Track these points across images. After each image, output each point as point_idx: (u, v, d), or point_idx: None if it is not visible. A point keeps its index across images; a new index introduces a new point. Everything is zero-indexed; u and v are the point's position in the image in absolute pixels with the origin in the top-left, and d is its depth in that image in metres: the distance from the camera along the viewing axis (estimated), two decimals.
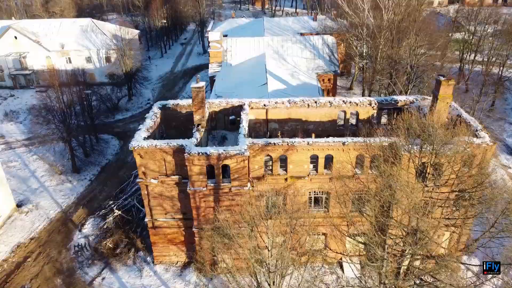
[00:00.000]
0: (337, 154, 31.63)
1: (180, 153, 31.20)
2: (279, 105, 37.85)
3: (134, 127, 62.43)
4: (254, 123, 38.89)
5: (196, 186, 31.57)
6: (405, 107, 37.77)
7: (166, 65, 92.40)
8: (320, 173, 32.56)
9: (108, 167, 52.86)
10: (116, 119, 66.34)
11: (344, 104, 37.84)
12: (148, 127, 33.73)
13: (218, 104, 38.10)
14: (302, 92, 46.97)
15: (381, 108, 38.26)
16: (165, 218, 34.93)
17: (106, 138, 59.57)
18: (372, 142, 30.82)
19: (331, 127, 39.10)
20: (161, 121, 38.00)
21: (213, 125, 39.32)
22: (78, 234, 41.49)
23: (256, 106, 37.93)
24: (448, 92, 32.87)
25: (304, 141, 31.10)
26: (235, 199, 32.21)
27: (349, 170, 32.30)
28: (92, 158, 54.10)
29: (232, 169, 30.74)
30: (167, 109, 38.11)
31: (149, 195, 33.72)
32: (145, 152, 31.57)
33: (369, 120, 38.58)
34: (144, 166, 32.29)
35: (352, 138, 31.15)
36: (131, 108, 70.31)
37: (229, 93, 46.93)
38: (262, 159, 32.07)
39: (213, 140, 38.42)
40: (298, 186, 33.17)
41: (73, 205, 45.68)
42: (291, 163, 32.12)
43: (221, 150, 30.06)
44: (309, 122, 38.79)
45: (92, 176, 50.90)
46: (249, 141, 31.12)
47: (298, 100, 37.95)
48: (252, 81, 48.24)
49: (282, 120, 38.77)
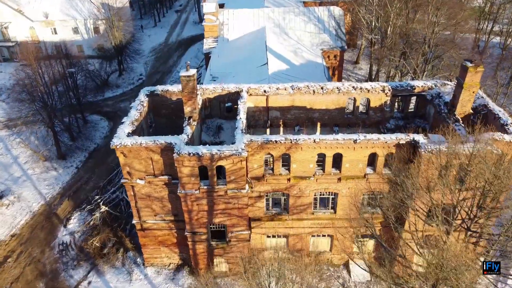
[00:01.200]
0: (347, 153, 27.83)
1: (169, 152, 27.42)
2: (281, 92, 33.67)
3: (125, 106, 58.33)
4: (253, 111, 34.86)
5: (187, 188, 28.00)
6: (423, 93, 33.62)
7: (159, 35, 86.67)
8: (327, 173, 28.89)
9: (96, 153, 49.13)
10: (106, 97, 61.92)
11: (354, 91, 33.63)
12: (133, 120, 29.73)
13: (212, 90, 33.89)
14: (306, 72, 42.58)
15: (395, 95, 34.08)
16: (155, 220, 31.59)
17: (94, 120, 55.48)
18: (388, 140, 26.99)
19: (338, 116, 35.10)
20: (149, 109, 33.99)
21: (207, 113, 35.28)
22: (63, 230, 38.34)
23: (255, 92, 33.75)
24: (475, 80, 28.72)
25: (310, 138, 27.20)
26: (231, 202, 28.73)
27: (360, 169, 28.67)
28: (79, 142, 50.26)
29: (228, 170, 27.06)
30: (156, 95, 33.97)
31: (136, 196, 30.21)
32: (129, 151, 27.77)
33: (381, 108, 34.52)
34: (129, 166, 28.58)
35: (365, 135, 27.20)
36: (122, 85, 65.70)
37: (226, 74, 42.54)
38: (262, 158, 28.32)
39: (208, 131, 34.50)
40: (302, 187, 29.60)
41: (58, 197, 42.31)
42: (294, 162, 28.39)
43: (214, 150, 26.25)
44: (315, 110, 34.74)
45: (79, 163, 47.27)
46: (247, 138, 27.25)
47: (302, 85, 33.71)
48: (251, 59, 43.66)
49: (285, 108, 34.70)
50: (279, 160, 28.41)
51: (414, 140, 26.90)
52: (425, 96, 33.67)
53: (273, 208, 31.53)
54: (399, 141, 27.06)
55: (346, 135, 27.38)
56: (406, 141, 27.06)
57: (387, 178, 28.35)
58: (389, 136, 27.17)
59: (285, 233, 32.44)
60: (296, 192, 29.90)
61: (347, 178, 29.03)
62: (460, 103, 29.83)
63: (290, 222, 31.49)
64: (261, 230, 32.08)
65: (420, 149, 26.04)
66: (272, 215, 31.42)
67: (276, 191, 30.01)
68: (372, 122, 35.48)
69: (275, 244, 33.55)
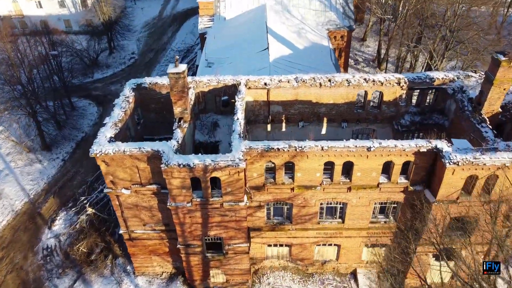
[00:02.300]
0: (359, 161, 24.48)
1: (157, 160, 24.07)
2: (283, 85, 29.95)
3: (115, 90, 54.53)
4: (253, 105, 31.26)
5: (178, 201, 24.86)
6: (443, 86, 29.89)
7: (153, 8, 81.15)
8: (335, 182, 25.64)
9: (85, 143, 45.67)
10: (95, 79, 57.82)
11: (365, 83, 29.88)
12: (116, 121, 26.16)
13: (206, 83, 30.15)
14: (310, 58, 38.59)
15: (412, 88, 30.34)
16: (144, 230, 28.64)
17: (82, 105, 51.74)
18: (406, 148, 23.59)
19: (347, 110, 31.51)
20: (136, 104, 30.39)
21: (201, 107, 31.66)
22: (48, 232, 35.55)
23: (255, 85, 30.03)
24: (508, 76, 24.99)
25: (317, 145, 23.75)
26: (228, 214, 25.64)
27: (373, 178, 25.42)
28: (66, 131, 46.75)
29: (224, 182, 23.82)
30: (143, 89, 30.24)
31: (122, 206, 27.12)
32: (111, 159, 24.40)
33: (395, 102, 30.88)
34: (112, 175, 25.30)
35: (380, 141, 23.73)
36: (113, 64, 61.40)
37: (222, 59, 38.56)
38: (262, 166, 24.99)
39: (202, 129, 31.02)
40: (307, 197, 26.45)
41: (43, 193, 39.30)
42: (299, 171, 25.10)
43: (208, 160, 22.88)
44: (321, 105, 31.13)
45: (66, 155, 43.98)
46: (246, 145, 23.81)
47: (307, 78, 29.95)
48: (250, 42, 39.52)
49: (288, 102, 31.07)
50: (282, 168, 25.10)
51: (436, 147, 23.50)
52: (445, 89, 29.96)
53: (274, 218, 28.52)
54: (419, 148, 23.65)
55: (358, 141, 23.92)
56: (427, 149, 23.68)
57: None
58: (407, 143, 23.72)
59: (288, 242, 29.61)
60: (300, 201, 26.80)
61: (358, 187, 25.83)
62: (488, 101, 26.21)
63: (293, 232, 28.59)
64: (261, 240, 29.24)
65: (444, 160, 22.67)
66: (273, 224, 28.45)
67: (278, 200, 26.92)
68: (384, 117, 31.94)
69: (277, 253, 30.81)
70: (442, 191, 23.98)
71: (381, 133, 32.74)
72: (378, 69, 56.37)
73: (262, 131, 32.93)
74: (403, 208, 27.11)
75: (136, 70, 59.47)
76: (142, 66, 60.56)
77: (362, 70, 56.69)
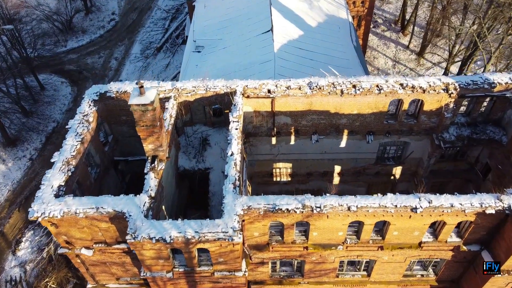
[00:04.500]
0: (399, 221, 17.96)
1: (122, 220, 17.64)
2: (293, 92, 22.66)
3: (93, 63, 46.71)
4: (253, 117, 24.18)
5: (155, 270, 18.78)
6: (506, 94, 22.49)
7: None
8: (364, 240, 19.30)
9: (56, 135, 38.95)
10: (69, 48, 49.45)
11: (401, 90, 22.49)
12: (68, 158, 19.29)
13: (191, 91, 22.81)
14: (325, 38, 30.51)
15: (463, 96, 22.94)
16: (118, 284, 22.88)
17: (53, 83, 44.11)
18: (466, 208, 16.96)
19: (375, 121, 24.44)
20: (102, 119, 23.39)
21: (187, 119, 24.56)
22: (12, 259, 30.13)
23: (255, 93, 22.75)
24: None
25: (341, 204, 17.11)
26: (221, 281, 19.67)
27: (415, 238, 19.05)
28: (34, 119, 39.76)
29: (214, 253, 17.55)
30: (109, 99, 23.05)
31: (85, 264, 21.12)
32: (60, 221, 17.96)
33: (438, 112, 23.67)
34: (65, 235, 18.99)
35: (429, 199, 17.00)
36: (89, 29, 52.53)
37: (214, 42, 30.59)
38: (266, 226, 18.55)
39: (187, 149, 24.17)
40: (324, 254, 20.27)
41: (6, 205, 33.41)
42: (316, 230, 18.68)
43: (190, 231, 16.43)
44: (341, 115, 24.01)
45: (34, 152, 37.41)
46: (243, 204, 17.18)
47: (325, 83, 22.53)
48: (249, 17, 31.22)
49: (298, 113, 23.95)
50: (292, 228, 18.68)
51: (510, 208, 16.85)
52: (509, 98, 22.60)
53: (281, 270, 22.59)
54: (484, 209, 16.99)
55: (399, 197, 17.19)
56: (496, 210, 17.03)
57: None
58: (468, 200, 16.99)
59: None
60: (315, 258, 20.67)
61: (393, 247, 19.56)
62: None
63: (305, 285, 22.78)
64: None
65: None
66: (280, 277, 22.59)
67: (286, 258, 20.80)
68: (422, 129, 24.90)
69: None
70: (511, 261, 17.72)
71: (417, 147, 25.96)
72: (401, 34, 47.71)
73: (264, 144, 26.10)
74: (449, 262, 21.06)
75: (117, 37, 50.89)
76: (123, 31, 51.79)
77: (381, 34, 48.04)
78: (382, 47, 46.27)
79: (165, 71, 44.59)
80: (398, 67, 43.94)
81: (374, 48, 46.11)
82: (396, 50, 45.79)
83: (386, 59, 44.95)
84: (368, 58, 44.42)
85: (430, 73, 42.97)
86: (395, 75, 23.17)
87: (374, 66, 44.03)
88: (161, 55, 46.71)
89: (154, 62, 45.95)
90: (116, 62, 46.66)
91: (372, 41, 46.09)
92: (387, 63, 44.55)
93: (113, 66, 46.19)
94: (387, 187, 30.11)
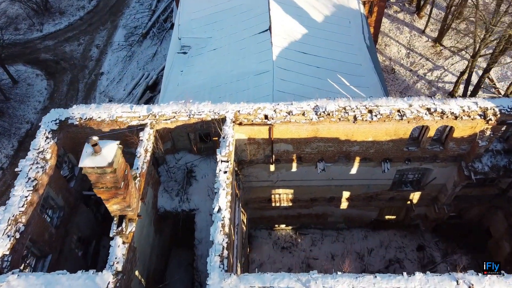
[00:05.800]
0: None
1: None
2: (296, 118, 18.58)
3: (71, 51, 42.05)
4: (247, 144, 20.15)
5: None
6: None
7: None
8: None
9: (31, 139, 34.56)
10: (46, 33, 44.39)
11: (427, 116, 18.34)
12: (16, 216, 15.45)
13: (171, 117, 18.66)
14: (334, 37, 25.85)
15: (503, 122, 18.80)
16: None
17: (26, 75, 39.46)
18: None
19: (393, 149, 20.43)
20: (65, 149, 19.51)
21: (168, 147, 20.52)
22: None
23: (249, 119, 18.66)
24: None
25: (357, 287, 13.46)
26: None
27: None
28: (5, 121, 35.57)
29: None
30: (72, 126, 19.04)
31: None
32: None
33: (470, 139, 19.61)
34: None
35: (470, 282, 13.31)
36: (68, 10, 47.14)
37: (203, 41, 26.00)
38: None
39: (169, 184, 20.29)
40: None
41: None
42: None
43: None
44: (353, 143, 19.97)
45: (5, 160, 33.50)
46: (232, 287, 13.52)
47: (334, 108, 18.39)
48: (243, 11, 26.43)
49: (301, 140, 19.88)
50: None
51: None
52: None
53: None
54: None
55: (430, 278, 13.50)
56: None
57: None
58: None
59: None
60: None
61: None
62: None
63: None
64: None
65: None
66: None
67: None
68: (448, 156, 20.92)
69: None
70: None
71: (440, 174, 22.07)
72: (416, 16, 42.53)
73: (261, 171, 22.23)
74: None
75: (98, 19, 45.67)
76: (105, 12, 46.46)
77: (393, 16, 42.86)
78: (395, 32, 41.25)
79: (151, 62, 39.89)
80: (413, 56, 39.15)
81: (386, 33, 41.10)
82: (411, 35, 40.78)
83: (399, 46, 40.06)
84: (379, 45, 39.55)
85: (448, 63, 38.23)
86: (420, 97, 18.66)
87: (385, 56, 39.23)
88: (148, 42, 41.78)
89: (139, 51, 41.12)
90: (97, 51, 41.80)
91: (383, 25, 40.98)
92: (400, 51, 39.71)
93: (94, 55, 41.37)
94: (401, 212, 26.55)
